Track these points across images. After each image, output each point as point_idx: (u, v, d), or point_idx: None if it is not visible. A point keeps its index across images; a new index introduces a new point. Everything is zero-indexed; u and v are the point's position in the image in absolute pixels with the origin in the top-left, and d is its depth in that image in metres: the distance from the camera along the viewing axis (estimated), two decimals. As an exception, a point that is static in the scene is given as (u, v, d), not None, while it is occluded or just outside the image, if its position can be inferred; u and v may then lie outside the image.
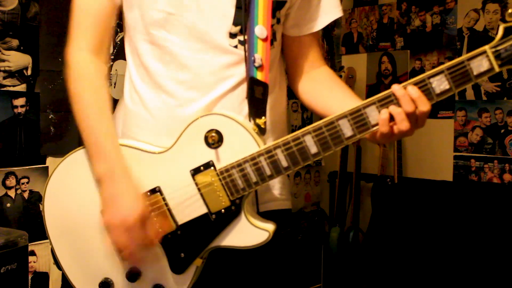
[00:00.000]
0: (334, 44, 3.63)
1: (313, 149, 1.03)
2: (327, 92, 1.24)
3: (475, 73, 0.93)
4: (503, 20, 0.93)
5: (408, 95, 0.97)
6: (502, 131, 2.92)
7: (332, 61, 3.62)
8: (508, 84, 2.89)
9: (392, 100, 0.99)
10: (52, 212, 1.22)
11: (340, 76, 3.36)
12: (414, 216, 2.93)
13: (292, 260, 2.93)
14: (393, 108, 0.98)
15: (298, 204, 3.44)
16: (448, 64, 0.94)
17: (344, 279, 3.11)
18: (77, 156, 1.19)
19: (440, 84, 0.95)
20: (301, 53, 1.27)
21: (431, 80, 0.96)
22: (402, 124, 0.99)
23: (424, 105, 0.97)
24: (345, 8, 3.63)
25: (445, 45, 3.11)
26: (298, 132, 1.03)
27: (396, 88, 0.98)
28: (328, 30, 3.58)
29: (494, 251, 2.62)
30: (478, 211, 2.74)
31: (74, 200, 1.20)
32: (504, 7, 2.87)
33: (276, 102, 1.22)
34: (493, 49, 0.91)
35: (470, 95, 3.02)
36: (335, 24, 3.62)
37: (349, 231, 3.18)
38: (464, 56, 0.93)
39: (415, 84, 0.97)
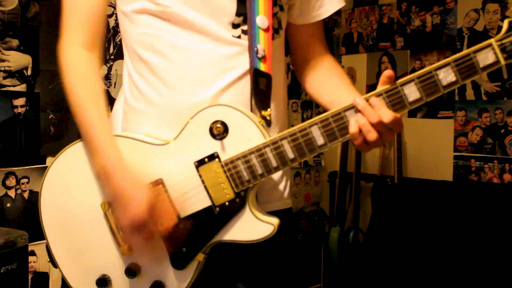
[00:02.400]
0: (334, 44, 3.63)
1: (320, 140, 1.01)
2: (324, 83, 1.25)
3: (481, 65, 0.92)
4: (505, 17, 0.93)
5: (371, 106, 0.97)
6: (502, 131, 2.92)
7: (332, 61, 3.62)
8: (508, 84, 2.89)
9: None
10: (49, 207, 1.21)
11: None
12: (414, 216, 2.93)
13: (292, 260, 2.93)
14: (359, 118, 0.98)
15: (298, 204, 3.43)
16: (454, 56, 0.94)
17: (344, 279, 3.11)
18: (74, 150, 1.17)
19: (447, 76, 0.94)
20: (306, 42, 1.28)
21: (438, 72, 0.95)
22: (370, 135, 0.98)
23: (387, 117, 0.97)
24: (345, 8, 3.63)
25: (445, 45, 3.11)
26: (305, 124, 1.02)
27: (357, 101, 0.98)
28: (328, 30, 3.57)
29: (494, 251, 2.62)
30: (478, 211, 2.74)
31: (71, 195, 1.18)
32: (504, 7, 2.87)
33: (280, 94, 1.21)
34: (499, 43, 0.91)
35: (470, 95, 3.02)
36: (335, 24, 3.62)
37: (349, 231, 3.18)
38: (470, 49, 0.93)
39: (386, 92, 0.97)
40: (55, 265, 1.21)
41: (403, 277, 2.88)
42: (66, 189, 1.19)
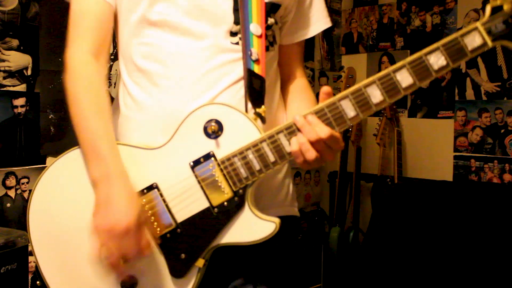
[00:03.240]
0: (334, 44, 3.63)
1: None
2: (292, 104, 1.26)
3: (469, 48, 0.95)
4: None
5: (308, 124, 0.98)
6: (502, 131, 2.92)
7: (332, 61, 3.62)
8: (508, 84, 2.89)
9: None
10: (38, 218, 1.14)
11: (340, 76, 3.36)
12: (414, 216, 2.93)
13: (292, 260, 2.93)
14: (299, 138, 0.99)
15: (298, 204, 3.43)
16: (443, 41, 0.97)
17: (344, 279, 3.11)
18: (70, 158, 1.13)
19: (438, 60, 0.97)
20: (285, 62, 1.29)
21: (428, 57, 0.97)
22: (308, 154, 0.99)
23: (323, 132, 0.98)
24: (345, 8, 3.63)
25: (445, 45, 3.11)
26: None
27: (296, 119, 1.00)
28: (328, 30, 3.57)
29: (494, 251, 2.62)
30: (478, 211, 2.74)
31: (64, 206, 1.12)
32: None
33: (275, 98, 1.22)
34: (484, 26, 0.95)
35: (470, 95, 3.02)
36: (335, 24, 3.62)
37: (349, 231, 3.18)
38: (457, 33, 0.97)
39: (327, 107, 0.99)
40: (45, 285, 1.15)
41: (403, 277, 2.88)
42: (58, 201, 1.13)
